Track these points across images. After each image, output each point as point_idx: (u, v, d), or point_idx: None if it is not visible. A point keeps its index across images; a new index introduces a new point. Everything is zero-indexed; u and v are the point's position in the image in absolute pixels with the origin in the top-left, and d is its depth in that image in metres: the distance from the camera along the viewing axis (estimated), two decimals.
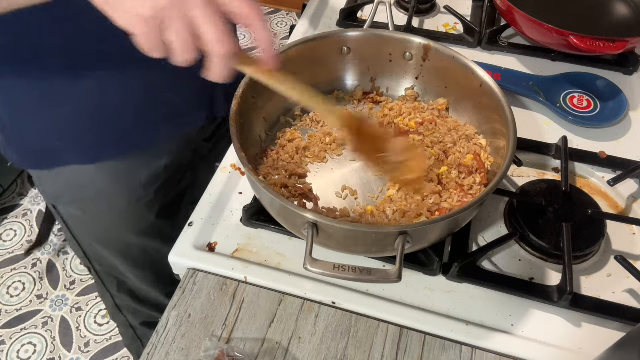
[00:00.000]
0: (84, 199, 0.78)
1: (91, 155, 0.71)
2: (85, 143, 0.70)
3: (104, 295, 1.00)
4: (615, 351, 0.46)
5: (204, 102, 0.77)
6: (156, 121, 0.73)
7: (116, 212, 0.81)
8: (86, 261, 0.91)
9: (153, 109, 0.71)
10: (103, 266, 0.92)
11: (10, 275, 1.61)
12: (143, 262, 0.92)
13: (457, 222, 0.58)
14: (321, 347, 0.56)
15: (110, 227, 0.84)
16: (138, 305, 1.02)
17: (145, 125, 0.72)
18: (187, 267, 0.63)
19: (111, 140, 0.71)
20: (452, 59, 0.69)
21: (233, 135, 0.58)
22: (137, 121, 0.71)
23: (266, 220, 0.64)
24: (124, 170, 0.75)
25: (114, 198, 0.78)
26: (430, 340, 0.57)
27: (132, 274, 0.94)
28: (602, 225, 0.64)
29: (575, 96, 0.82)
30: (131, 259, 0.91)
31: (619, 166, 0.72)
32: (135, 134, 0.72)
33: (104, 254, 0.89)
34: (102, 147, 0.71)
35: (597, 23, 0.90)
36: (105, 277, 0.95)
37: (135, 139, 0.72)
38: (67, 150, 0.70)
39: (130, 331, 1.10)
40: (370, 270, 0.49)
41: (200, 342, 0.56)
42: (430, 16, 1.00)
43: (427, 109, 0.73)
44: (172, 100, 0.72)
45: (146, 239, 0.87)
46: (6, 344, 1.47)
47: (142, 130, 0.72)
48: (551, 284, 0.60)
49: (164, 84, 0.69)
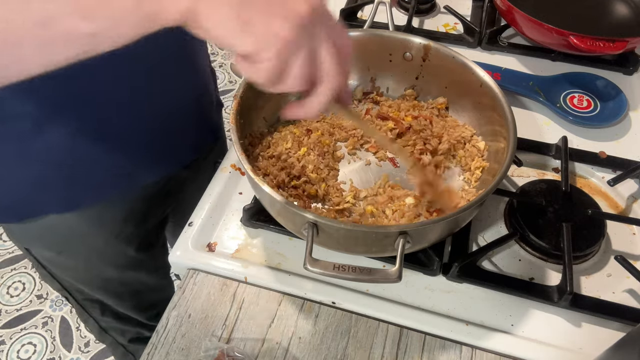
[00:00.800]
0: (59, 242, 0.75)
1: (71, 204, 0.68)
2: (62, 191, 0.67)
3: (86, 320, 0.97)
4: (615, 351, 0.46)
5: (185, 146, 0.76)
6: (137, 169, 0.70)
7: (94, 250, 0.78)
8: (65, 292, 0.88)
9: (133, 157, 0.68)
10: (83, 294, 0.89)
11: (10, 275, 1.61)
12: (123, 293, 0.91)
13: (457, 222, 0.58)
14: (321, 347, 0.56)
15: (88, 265, 0.81)
16: (124, 325, 1.00)
17: (125, 174, 0.69)
18: (187, 267, 0.63)
19: (91, 186, 0.68)
20: (452, 59, 0.69)
21: (233, 135, 0.58)
22: (115, 172, 0.68)
23: (266, 220, 0.64)
24: (102, 210, 0.72)
25: (90, 238, 0.75)
26: (430, 340, 0.57)
27: (113, 303, 0.93)
28: (602, 225, 0.64)
29: (575, 96, 0.82)
30: (111, 291, 0.89)
31: (619, 166, 0.72)
32: (110, 182, 0.69)
33: (83, 288, 0.87)
34: (81, 194, 0.68)
35: (597, 23, 0.90)
36: (86, 304, 0.92)
37: (110, 187, 0.70)
38: (44, 201, 0.67)
39: (120, 349, 1.08)
40: (370, 270, 0.49)
41: (200, 342, 0.56)
42: (430, 16, 1.00)
43: (427, 107, 0.73)
44: (153, 147, 0.70)
45: (125, 272, 0.85)
46: (6, 344, 1.47)
47: (116, 179, 0.69)
48: (551, 284, 0.60)
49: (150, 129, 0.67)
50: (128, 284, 0.89)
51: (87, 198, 0.69)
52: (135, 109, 0.64)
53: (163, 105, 0.68)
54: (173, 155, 0.77)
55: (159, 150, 0.72)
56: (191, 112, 0.76)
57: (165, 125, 0.70)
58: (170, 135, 0.72)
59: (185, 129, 0.76)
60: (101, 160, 0.66)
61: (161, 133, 0.70)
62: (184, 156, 0.80)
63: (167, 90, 0.67)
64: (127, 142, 0.66)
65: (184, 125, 0.75)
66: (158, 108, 0.67)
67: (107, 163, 0.66)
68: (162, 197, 0.82)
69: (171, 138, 0.73)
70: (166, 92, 0.67)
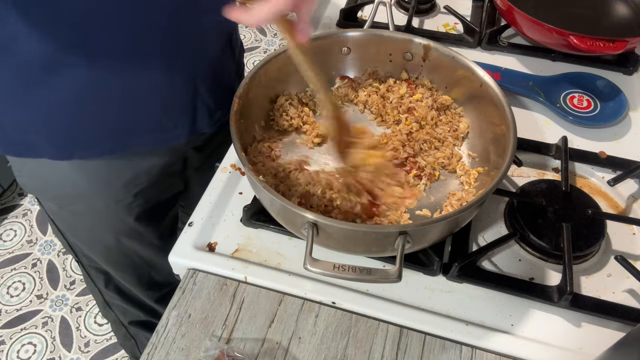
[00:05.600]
0: (61, 196, 0.76)
1: (64, 153, 0.68)
2: (59, 139, 0.67)
3: (93, 290, 1.00)
4: (615, 351, 0.46)
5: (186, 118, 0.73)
6: (133, 131, 0.69)
7: (93, 211, 0.79)
8: (73, 255, 0.91)
9: (131, 117, 0.68)
10: (89, 260, 0.91)
11: (10, 275, 1.61)
12: (124, 264, 0.91)
13: (457, 222, 0.58)
14: (321, 347, 0.56)
15: (89, 226, 0.83)
16: (125, 304, 1.02)
17: (122, 133, 0.69)
18: (187, 267, 0.63)
19: (86, 141, 0.68)
20: (452, 59, 0.69)
21: (233, 136, 0.58)
22: (113, 127, 0.68)
23: (266, 220, 0.64)
24: (103, 170, 0.73)
25: (91, 197, 0.76)
26: (430, 340, 0.57)
27: (115, 274, 0.94)
28: (602, 225, 0.64)
29: (575, 96, 0.82)
30: (112, 260, 0.90)
31: (619, 166, 0.72)
32: (112, 139, 0.69)
33: (87, 251, 0.89)
34: (75, 146, 0.68)
35: (597, 23, 0.90)
36: (92, 272, 0.94)
37: (111, 145, 0.69)
38: (41, 143, 0.67)
39: (122, 329, 1.09)
40: (370, 270, 0.49)
41: (200, 342, 0.56)
42: (430, 16, 1.00)
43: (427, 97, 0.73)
44: (152, 112, 0.69)
45: (126, 242, 0.86)
46: (6, 344, 1.47)
47: (118, 137, 0.69)
48: (551, 284, 0.60)
49: (145, 92, 0.66)
50: (128, 256, 0.89)
51: (82, 150, 0.68)
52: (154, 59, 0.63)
53: (187, 55, 0.66)
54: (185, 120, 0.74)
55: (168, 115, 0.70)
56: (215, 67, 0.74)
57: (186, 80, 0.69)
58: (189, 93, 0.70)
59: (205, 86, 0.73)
60: (106, 110, 0.65)
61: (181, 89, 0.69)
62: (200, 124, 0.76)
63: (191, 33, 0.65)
64: (140, 95, 0.66)
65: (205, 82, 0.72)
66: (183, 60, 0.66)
67: (111, 117, 0.66)
68: (167, 176, 0.81)
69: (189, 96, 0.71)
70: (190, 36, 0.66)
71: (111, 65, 0.61)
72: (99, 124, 0.66)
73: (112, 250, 0.87)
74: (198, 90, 0.70)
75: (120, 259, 0.90)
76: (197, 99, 0.71)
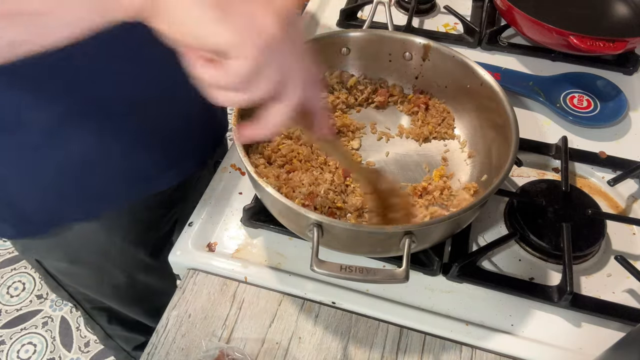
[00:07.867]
0: (74, 252, 0.74)
1: (91, 212, 0.67)
2: (82, 202, 0.66)
3: (93, 327, 0.97)
4: (615, 351, 0.46)
5: (172, 164, 0.73)
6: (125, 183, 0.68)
7: (106, 256, 0.77)
8: (74, 303, 0.88)
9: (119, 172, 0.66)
10: (92, 303, 0.89)
11: (10, 275, 1.61)
12: (131, 298, 0.90)
13: (460, 222, 0.58)
14: (321, 347, 0.56)
15: (99, 272, 0.80)
16: (128, 332, 1.00)
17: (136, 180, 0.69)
18: (187, 267, 0.63)
19: (108, 195, 0.67)
20: (452, 59, 0.69)
21: (235, 137, 0.58)
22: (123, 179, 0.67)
23: (266, 221, 0.64)
24: (117, 217, 0.72)
25: (105, 245, 0.75)
26: (430, 340, 0.57)
27: (121, 309, 0.92)
28: (602, 225, 0.64)
29: (575, 96, 0.82)
30: (120, 297, 0.88)
31: (619, 166, 0.72)
32: (127, 189, 0.68)
33: (93, 296, 0.87)
34: (101, 203, 0.67)
35: (597, 23, 0.90)
36: (94, 313, 0.92)
37: (129, 194, 0.69)
38: (64, 210, 0.65)
39: (123, 353, 1.08)
40: (377, 271, 0.49)
41: (200, 342, 0.56)
42: (430, 16, 1.00)
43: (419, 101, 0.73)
44: (155, 159, 0.68)
45: (136, 277, 0.85)
46: (6, 344, 1.47)
47: (135, 184, 0.69)
48: (551, 284, 0.60)
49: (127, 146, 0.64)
50: (138, 290, 0.88)
51: (106, 205, 0.68)
52: (151, 108, 0.63)
53: (181, 103, 0.66)
54: (191, 155, 0.75)
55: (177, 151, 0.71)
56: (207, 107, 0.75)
57: (183, 123, 0.69)
58: (188, 134, 0.71)
59: (201, 126, 0.74)
60: (119, 166, 0.65)
61: (180, 132, 0.69)
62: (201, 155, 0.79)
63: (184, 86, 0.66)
64: (145, 145, 0.65)
65: (201, 121, 0.73)
66: (176, 106, 0.66)
67: (124, 168, 0.65)
68: (175, 201, 0.81)
69: (189, 137, 0.72)
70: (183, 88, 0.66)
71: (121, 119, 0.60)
72: (119, 175, 0.66)
73: (122, 288, 0.85)
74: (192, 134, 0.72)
75: (129, 295, 0.89)
76: (185, 149, 0.73)
